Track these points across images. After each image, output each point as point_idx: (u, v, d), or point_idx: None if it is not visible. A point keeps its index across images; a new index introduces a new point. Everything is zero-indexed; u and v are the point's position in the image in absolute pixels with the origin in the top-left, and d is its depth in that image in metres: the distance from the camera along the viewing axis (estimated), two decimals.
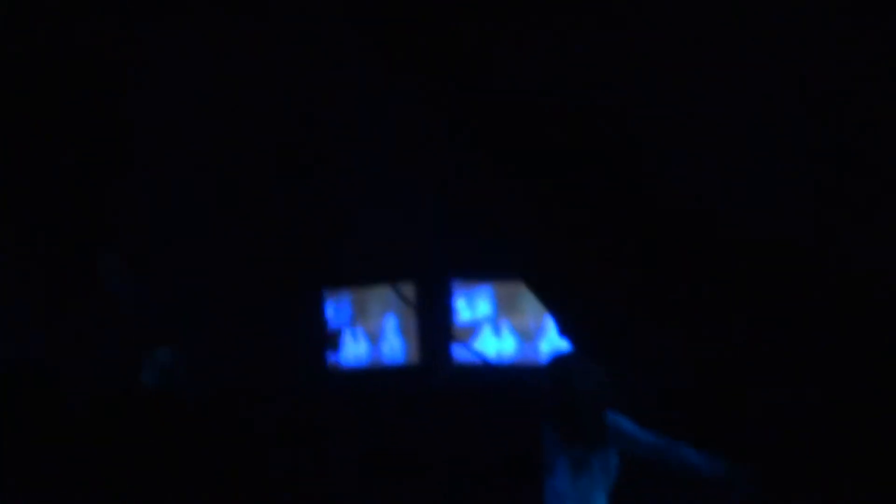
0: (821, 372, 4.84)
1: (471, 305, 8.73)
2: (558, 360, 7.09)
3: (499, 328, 8.58)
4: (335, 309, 9.06)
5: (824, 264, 4.65)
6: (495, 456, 8.55)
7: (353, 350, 9.03)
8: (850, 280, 4.63)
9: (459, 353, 8.71)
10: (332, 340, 9.05)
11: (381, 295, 8.91)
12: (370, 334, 8.96)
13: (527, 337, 8.58)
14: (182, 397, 6.78)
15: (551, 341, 8.35)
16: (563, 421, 6.84)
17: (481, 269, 8.53)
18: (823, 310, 4.74)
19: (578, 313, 5.91)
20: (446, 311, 8.70)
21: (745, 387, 5.05)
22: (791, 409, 4.95)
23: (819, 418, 4.83)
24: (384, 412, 8.79)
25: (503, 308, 8.64)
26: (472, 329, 8.71)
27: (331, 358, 9.06)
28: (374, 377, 8.92)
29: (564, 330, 6.33)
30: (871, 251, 4.56)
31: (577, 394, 6.84)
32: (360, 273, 8.96)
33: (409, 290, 8.79)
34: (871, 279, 4.60)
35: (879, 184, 4.56)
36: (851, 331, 4.71)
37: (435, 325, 8.76)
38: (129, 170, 8.90)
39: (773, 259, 4.76)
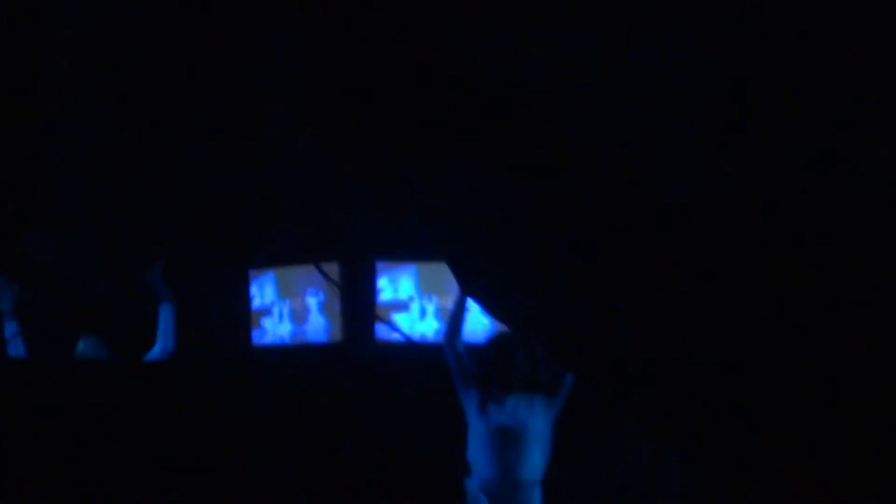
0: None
1: (394, 285, 8.78)
2: (502, 339, 7.21)
3: (423, 308, 8.63)
4: (259, 288, 9.07)
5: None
6: (414, 433, 8.61)
7: (277, 328, 9.05)
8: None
9: (382, 331, 8.75)
10: (255, 319, 9.07)
11: (304, 274, 8.93)
12: (294, 313, 8.99)
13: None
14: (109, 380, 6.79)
15: (473, 321, 8.42)
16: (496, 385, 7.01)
17: (405, 249, 8.57)
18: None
19: (502, 293, 5.89)
20: (370, 290, 8.73)
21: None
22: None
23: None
24: (307, 390, 8.82)
25: (426, 288, 8.69)
26: (395, 308, 8.76)
27: (255, 336, 9.08)
28: (297, 355, 8.95)
29: (489, 311, 6.33)
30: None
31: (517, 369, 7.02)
32: (285, 252, 8.98)
33: (333, 269, 8.82)
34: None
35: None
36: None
37: (358, 304, 8.79)
38: (50, 151, 8.83)
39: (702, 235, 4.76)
